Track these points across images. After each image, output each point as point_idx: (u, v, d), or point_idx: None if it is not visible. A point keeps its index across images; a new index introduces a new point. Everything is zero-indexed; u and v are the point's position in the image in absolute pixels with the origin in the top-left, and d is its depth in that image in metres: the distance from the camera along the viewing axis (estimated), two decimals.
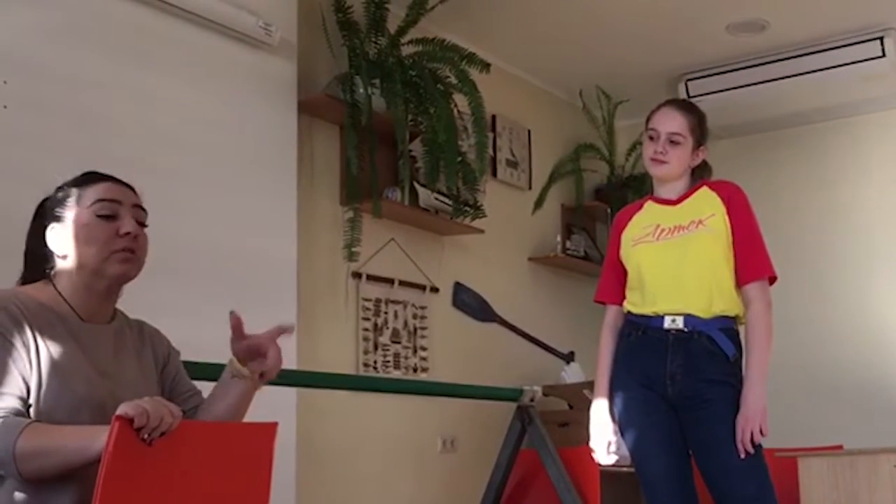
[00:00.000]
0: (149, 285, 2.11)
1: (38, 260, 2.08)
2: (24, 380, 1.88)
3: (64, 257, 2.03)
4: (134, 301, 2.16)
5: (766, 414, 2.98)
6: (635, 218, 3.28)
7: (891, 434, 4.92)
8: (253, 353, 2.16)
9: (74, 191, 2.05)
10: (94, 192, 2.06)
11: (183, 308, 3.26)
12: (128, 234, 2.04)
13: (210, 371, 2.95)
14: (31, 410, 1.88)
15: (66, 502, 1.87)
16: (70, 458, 1.79)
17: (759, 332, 3.08)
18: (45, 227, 2.06)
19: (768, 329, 3.09)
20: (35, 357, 1.90)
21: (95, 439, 1.75)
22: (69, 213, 2.03)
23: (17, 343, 1.89)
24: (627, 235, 3.26)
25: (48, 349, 1.92)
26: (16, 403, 1.85)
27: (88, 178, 2.09)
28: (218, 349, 3.15)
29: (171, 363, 2.22)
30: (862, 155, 5.66)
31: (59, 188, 2.09)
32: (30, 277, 2.09)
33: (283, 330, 2.16)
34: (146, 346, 2.15)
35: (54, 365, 1.91)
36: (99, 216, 2.03)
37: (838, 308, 5.58)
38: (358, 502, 4.29)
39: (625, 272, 3.25)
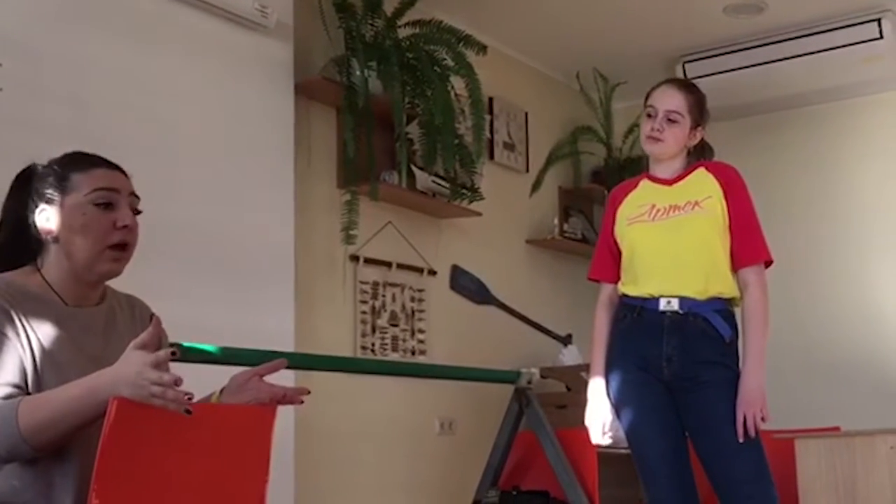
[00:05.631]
0: (146, 268, 2.10)
1: (24, 239, 2.03)
2: (20, 368, 1.86)
3: (55, 240, 1.99)
4: (131, 284, 2.15)
5: (765, 399, 2.99)
6: (630, 196, 3.27)
7: (888, 415, 4.93)
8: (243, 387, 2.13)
9: (71, 175, 2.01)
10: (92, 178, 2.01)
11: (180, 291, 3.26)
12: (125, 226, 2.01)
13: (206, 355, 2.96)
14: None
15: (68, 483, 1.87)
16: (82, 414, 1.79)
17: (755, 317, 3.08)
18: (33, 207, 2.01)
19: (765, 313, 3.09)
20: (29, 349, 1.89)
21: (95, 389, 1.77)
22: (66, 198, 1.99)
23: (10, 334, 1.88)
24: (622, 213, 3.25)
25: (39, 341, 1.90)
26: (8, 391, 1.84)
27: (85, 162, 2.05)
28: (215, 332, 3.17)
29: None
30: (860, 137, 5.65)
31: (52, 167, 2.04)
32: (11, 256, 2.05)
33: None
34: (137, 327, 2.12)
35: (46, 357, 1.90)
36: (96, 205, 2.00)
37: (836, 289, 5.58)
38: (356, 484, 4.30)
39: (619, 250, 3.25)
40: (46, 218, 2.00)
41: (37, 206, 2.01)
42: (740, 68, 5.41)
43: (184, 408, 1.76)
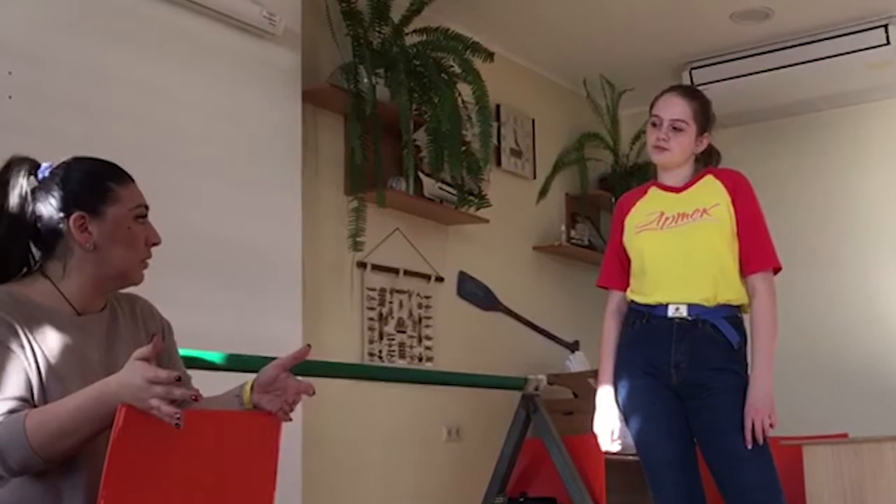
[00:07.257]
0: (154, 275, 2.11)
1: (43, 243, 2.02)
2: (25, 381, 1.85)
3: (92, 250, 1.98)
4: (140, 292, 2.16)
5: (774, 405, 2.98)
6: (639, 204, 3.27)
7: None
8: (271, 386, 2.10)
9: (111, 186, 2.02)
10: (132, 193, 2.05)
11: (188, 298, 3.27)
12: (155, 244, 2.07)
13: (211, 363, 2.97)
14: None
15: (77, 494, 1.86)
16: (91, 423, 1.78)
17: (764, 323, 3.08)
18: (57, 211, 1.99)
19: (773, 320, 3.09)
20: (33, 361, 1.88)
21: (103, 398, 1.76)
22: (110, 209, 2.00)
23: (15, 348, 1.87)
24: (631, 221, 3.25)
25: (44, 353, 1.90)
26: (14, 405, 1.83)
27: (119, 174, 2.06)
28: (222, 338, 3.18)
29: (164, 343, 2.19)
30: (867, 143, 5.65)
31: (82, 173, 2.03)
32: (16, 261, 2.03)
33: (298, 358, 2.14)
34: (139, 326, 2.12)
35: (51, 369, 1.89)
36: (136, 219, 2.04)
37: (844, 296, 5.58)
38: (363, 491, 4.30)
39: (628, 258, 3.25)
40: (84, 226, 1.98)
41: (69, 212, 1.98)
42: (747, 75, 5.41)
43: (174, 421, 1.75)
